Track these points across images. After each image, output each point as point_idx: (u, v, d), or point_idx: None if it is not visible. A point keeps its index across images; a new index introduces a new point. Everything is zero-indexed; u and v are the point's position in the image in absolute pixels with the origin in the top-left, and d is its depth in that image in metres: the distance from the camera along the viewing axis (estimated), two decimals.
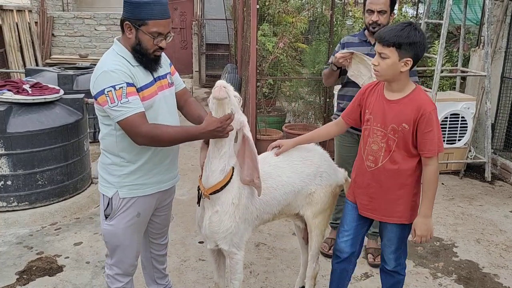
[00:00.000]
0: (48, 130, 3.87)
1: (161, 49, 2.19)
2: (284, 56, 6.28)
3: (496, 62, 5.40)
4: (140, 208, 2.32)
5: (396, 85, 2.18)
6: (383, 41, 2.08)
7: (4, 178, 3.82)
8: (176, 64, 12.05)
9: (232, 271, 2.42)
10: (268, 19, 6.71)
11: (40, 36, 8.74)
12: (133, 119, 2.07)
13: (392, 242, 2.36)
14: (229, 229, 2.28)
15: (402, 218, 2.29)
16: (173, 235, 3.75)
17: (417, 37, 2.06)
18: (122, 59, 2.15)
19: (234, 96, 2.20)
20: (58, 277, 3.16)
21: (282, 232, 3.82)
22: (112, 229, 2.29)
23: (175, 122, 2.33)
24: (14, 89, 3.97)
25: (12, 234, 3.71)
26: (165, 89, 2.31)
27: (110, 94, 2.05)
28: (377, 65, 2.12)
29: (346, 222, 2.44)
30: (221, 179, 2.22)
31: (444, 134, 5.23)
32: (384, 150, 2.22)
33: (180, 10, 11.77)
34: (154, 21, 2.09)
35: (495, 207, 4.44)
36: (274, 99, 6.90)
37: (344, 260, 2.46)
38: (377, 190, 2.29)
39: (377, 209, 2.32)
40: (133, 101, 2.08)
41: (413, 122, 2.13)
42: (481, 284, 3.19)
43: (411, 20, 2.50)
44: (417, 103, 2.14)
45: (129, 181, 2.25)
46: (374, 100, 2.26)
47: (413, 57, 2.09)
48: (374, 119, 2.25)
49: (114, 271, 2.39)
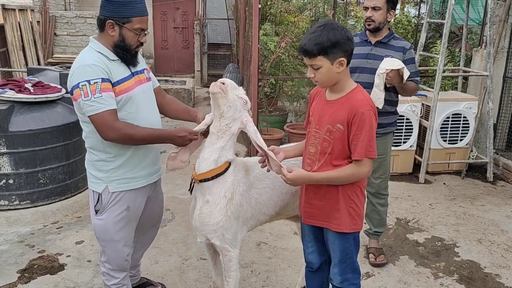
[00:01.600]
0: (50, 129, 3.87)
1: (141, 44, 2.29)
2: (286, 55, 6.28)
3: (498, 62, 5.39)
4: (130, 201, 2.37)
5: (337, 86, 2.09)
6: (307, 54, 1.98)
7: (6, 177, 3.83)
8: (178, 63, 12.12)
9: (226, 268, 2.41)
10: (270, 18, 6.72)
11: (42, 35, 8.75)
12: (105, 114, 2.13)
13: (335, 254, 2.23)
14: (220, 223, 2.28)
15: (341, 226, 2.15)
16: (175, 234, 3.75)
17: (337, 36, 1.95)
18: (99, 55, 2.22)
19: (237, 96, 2.22)
20: (60, 275, 3.16)
21: (283, 231, 3.82)
22: (103, 223, 2.35)
23: (156, 116, 2.42)
24: (16, 88, 3.97)
25: (14, 233, 3.72)
26: (143, 83, 2.39)
27: (84, 88, 2.12)
28: (314, 77, 2.04)
29: (305, 234, 2.37)
30: (213, 168, 2.26)
31: (446, 134, 5.22)
32: (319, 153, 2.11)
33: (182, 10, 11.78)
34: (137, 18, 2.21)
35: (497, 207, 4.43)
36: (275, 99, 6.91)
37: (317, 271, 2.41)
38: (314, 195, 2.19)
39: (317, 215, 2.21)
40: (106, 97, 2.14)
41: (347, 123, 2.02)
42: (483, 284, 3.19)
43: (327, 20, 2.40)
44: (352, 103, 2.03)
45: (118, 175, 2.32)
46: (317, 103, 2.19)
47: (344, 54, 1.98)
48: (313, 121, 2.17)
49: (108, 267, 2.44)
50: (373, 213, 3.38)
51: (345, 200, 2.12)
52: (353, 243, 2.22)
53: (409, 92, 3.13)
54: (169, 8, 11.76)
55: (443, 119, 5.15)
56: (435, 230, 3.94)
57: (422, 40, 5.51)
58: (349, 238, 2.19)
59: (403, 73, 2.89)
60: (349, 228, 2.15)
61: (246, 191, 2.35)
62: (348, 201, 2.13)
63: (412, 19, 7.32)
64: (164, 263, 3.33)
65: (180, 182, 4.71)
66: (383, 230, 3.47)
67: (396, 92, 3.14)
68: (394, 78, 2.90)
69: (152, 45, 11.63)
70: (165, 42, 11.86)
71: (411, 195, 4.69)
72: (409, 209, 4.36)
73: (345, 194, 2.12)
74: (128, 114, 2.27)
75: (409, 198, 4.63)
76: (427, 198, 4.63)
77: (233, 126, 2.27)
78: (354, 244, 2.23)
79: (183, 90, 8.49)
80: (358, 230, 2.22)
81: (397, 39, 3.14)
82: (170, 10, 11.78)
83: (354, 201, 2.14)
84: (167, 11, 11.78)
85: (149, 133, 2.24)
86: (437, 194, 4.73)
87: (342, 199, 2.12)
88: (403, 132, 5.13)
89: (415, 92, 3.22)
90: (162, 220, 3.94)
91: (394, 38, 3.13)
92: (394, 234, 3.87)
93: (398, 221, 4.10)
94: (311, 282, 2.47)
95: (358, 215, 2.18)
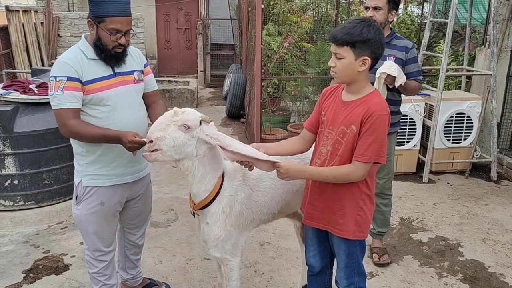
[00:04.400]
0: (54, 130, 3.88)
1: (121, 45, 2.28)
2: (289, 55, 6.29)
3: (502, 61, 5.37)
4: (104, 197, 2.42)
5: (354, 87, 2.03)
6: (336, 41, 1.95)
7: (11, 178, 3.85)
8: (181, 64, 12.12)
9: (227, 277, 2.39)
10: (273, 18, 6.73)
11: (46, 37, 8.77)
12: (62, 112, 2.21)
13: (340, 258, 2.19)
14: (220, 237, 2.26)
15: (345, 232, 2.09)
16: (178, 234, 3.76)
17: (371, 34, 1.92)
18: (79, 52, 2.27)
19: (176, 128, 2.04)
20: (65, 275, 3.18)
21: (287, 231, 3.82)
22: (78, 213, 2.44)
23: (136, 118, 2.43)
24: (20, 89, 3.99)
25: (19, 233, 3.74)
26: (128, 84, 2.40)
27: (51, 83, 2.22)
28: (334, 67, 1.99)
29: (309, 237, 2.33)
30: (207, 195, 2.20)
31: (450, 133, 5.21)
32: (330, 154, 2.06)
33: (185, 10, 11.80)
34: (110, 18, 2.21)
35: (501, 207, 4.42)
36: (279, 99, 6.92)
37: (318, 274, 2.39)
38: (318, 197, 2.14)
39: (318, 217, 2.17)
40: (67, 95, 2.20)
41: (360, 123, 1.96)
42: (487, 283, 3.18)
43: (367, 17, 2.38)
44: (369, 105, 1.97)
45: (91, 170, 2.39)
46: (331, 102, 2.13)
47: (370, 55, 1.94)
48: (327, 121, 2.11)
49: (88, 255, 2.52)
50: (376, 213, 3.38)
51: (352, 206, 2.07)
52: (359, 248, 2.17)
53: (412, 91, 3.13)
54: (172, 9, 11.79)
55: (446, 119, 5.14)
56: (439, 230, 3.93)
57: (425, 40, 5.50)
58: (355, 244, 2.14)
59: (396, 78, 2.92)
60: (353, 235, 2.10)
61: (246, 198, 2.30)
62: (356, 208, 2.07)
63: (415, 19, 7.32)
64: (168, 263, 3.34)
65: (183, 182, 4.71)
66: (387, 230, 3.47)
67: (399, 91, 3.14)
68: (391, 82, 2.94)
69: (155, 45, 11.66)
70: (168, 43, 11.88)
71: (415, 195, 4.69)
72: (412, 208, 4.36)
73: (353, 201, 2.06)
74: (101, 113, 2.31)
75: (413, 197, 4.62)
76: (430, 197, 4.63)
77: (198, 152, 2.10)
78: (361, 249, 2.19)
79: (187, 90, 8.50)
80: (363, 238, 2.15)
81: (399, 38, 3.13)
82: (173, 10, 11.81)
83: (363, 209, 2.08)
84: (170, 12, 11.80)
85: (98, 132, 2.22)
86: (441, 194, 4.73)
87: (349, 205, 2.07)
88: (406, 131, 5.13)
89: (418, 91, 3.21)
90: (166, 220, 3.99)
91: (396, 38, 3.13)
92: (398, 233, 3.87)
93: (402, 221, 4.09)
94: (312, 286, 2.46)
95: (365, 223, 2.12)
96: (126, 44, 2.30)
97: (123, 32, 2.25)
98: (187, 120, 2.03)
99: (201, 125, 2.08)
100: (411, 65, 3.04)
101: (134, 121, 2.40)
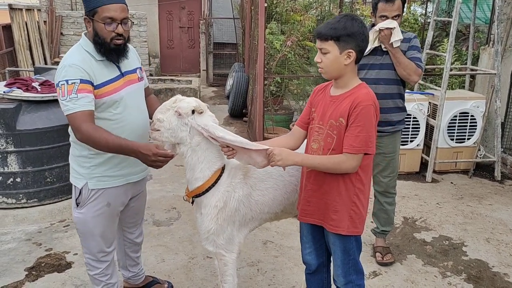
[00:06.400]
0: (57, 128, 3.89)
1: (119, 35, 2.21)
2: (292, 54, 6.27)
3: (506, 60, 5.35)
4: (110, 198, 2.38)
5: (342, 81, 2.06)
6: (321, 36, 1.99)
7: (14, 175, 3.85)
8: (184, 63, 12.12)
9: (221, 272, 2.39)
10: (276, 17, 6.71)
11: (49, 35, 8.77)
12: (77, 115, 2.11)
13: (337, 255, 2.19)
14: (210, 230, 2.28)
15: (339, 228, 2.10)
16: (181, 232, 3.76)
17: (354, 27, 1.96)
18: (86, 54, 2.21)
19: (173, 112, 2.17)
20: (67, 273, 3.18)
21: (289, 230, 3.81)
22: (82, 216, 2.36)
23: (143, 118, 2.40)
24: (23, 87, 3.99)
25: (21, 231, 3.73)
26: (133, 84, 2.37)
27: (62, 88, 2.12)
28: (320, 62, 2.02)
29: (304, 234, 2.33)
30: (201, 184, 2.26)
31: (453, 132, 5.19)
32: (323, 149, 2.07)
33: (188, 9, 11.80)
34: (102, 7, 2.15)
35: (505, 206, 4.40)
36: (281, 98, 6.90)
37: (315, 272, 2.38)
38: (312, 193, 2.15)
39: (313, 213, 2.17)
40: (81, 98, 2.12)
41: (347, 115, 1.99)
42: (491, 283, 3.16)
43: (350, 13, 2.40)
44: (354, 96, 2.00)
45: (98, 172, 2.32)
46: (321, 99, 2.16)
47: (355, 48, 1.97)
48: (316, 117, 2.14)
49: (89, 258, 2.48)
50: (380, 212, 3.37)
51: (345, 202, 2.07)
52: (355, 245, 2.17)
53: (405, 67, 3.01)
54: (174, 8, 11.79)
55: (450, 118, 5.12)
56: (442, 229, 3.91)
57: (429, 39, 5.48)
58: (350, 240, 2.14)
59: (393, 34, 2.96)
60: (347, 231, 2.10)
61: (244, 196, 2.31)
62: (349, 204, 2.08)
63: (418, 18, 7.30)
64: (171, 261, 3.33)
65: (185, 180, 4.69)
66: (390, 229, 3.45)
67: (404, 84, 3.13)
68: (386, 37, 2.97)
69: (157, 44, 11.66)
70: (171, 42, 11.88)
71: (418, 194, 4.67)
72: (416, 208, 4.34)
73: (346, 196, 2.07)
74: (114, 115, 2.26)
75: (416, 197, 4.61)
76: (434, 197, 4.61)
77: (192, 140, 2.20)
78: (357, 245, 2.18)
79: (189, 89, 8.48)
80: (358, 234, 2.16)
81: (402, 32, 3.15)
82: (176, 9, 11.81)
83: (356, 204, 2.08)
84: (173, 11, 11.80)
85: (114, 142, 2.12)
86: (444, 193, 4.71)
87: (343, 200, 2.07)
88: (410, 131, 5.11)
89: (413, 73, 3.02)
90: (168, 219, 3.98)
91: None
92: (401, 233, 3.85)
93: (405, 220, 4.08)
94: (310, 284, 2.45)
95: (360, 218, 2.12)
96: (124, 34, 2.22)
97: (119, 20, 2.18)
98: (180, 107, 2.18)
99: (193, 114, 2.19)
100: (411, 51, 3.04)
101: (142, 120, 2.39)
